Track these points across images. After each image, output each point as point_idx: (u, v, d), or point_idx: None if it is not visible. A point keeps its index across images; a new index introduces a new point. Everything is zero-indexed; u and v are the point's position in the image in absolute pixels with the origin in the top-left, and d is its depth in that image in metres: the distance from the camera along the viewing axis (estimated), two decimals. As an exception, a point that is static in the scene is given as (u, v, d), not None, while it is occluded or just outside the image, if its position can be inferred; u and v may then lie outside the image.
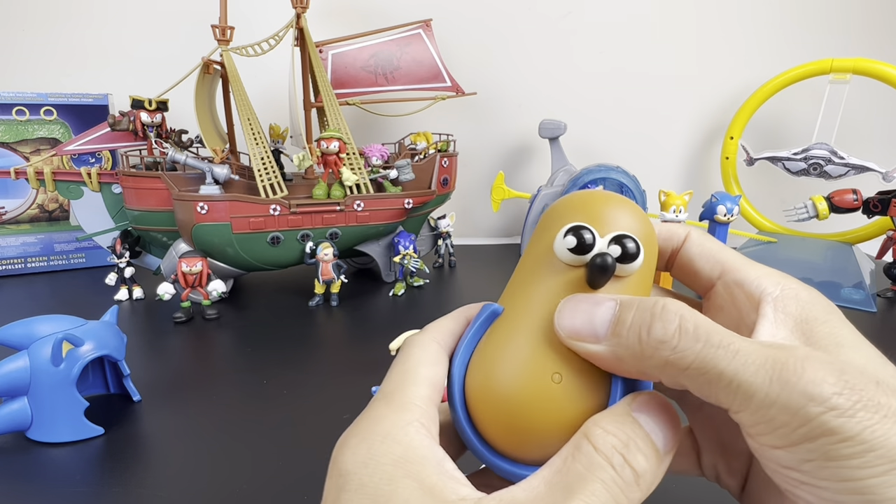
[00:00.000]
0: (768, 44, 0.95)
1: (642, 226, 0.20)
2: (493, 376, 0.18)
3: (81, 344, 0.37)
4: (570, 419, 0.17)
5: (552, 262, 0.20)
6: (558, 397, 0.17)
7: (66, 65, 0.82)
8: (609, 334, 0.17)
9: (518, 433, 0.18)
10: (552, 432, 0.17)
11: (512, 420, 0.18)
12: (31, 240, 0.74)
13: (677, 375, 0.16)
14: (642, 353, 0.16)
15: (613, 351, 0.17)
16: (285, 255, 0.64)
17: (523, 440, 0.18)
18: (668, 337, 0.15)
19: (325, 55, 0.71)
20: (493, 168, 0.97)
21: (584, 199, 0.21)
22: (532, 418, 0.18)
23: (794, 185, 0.90)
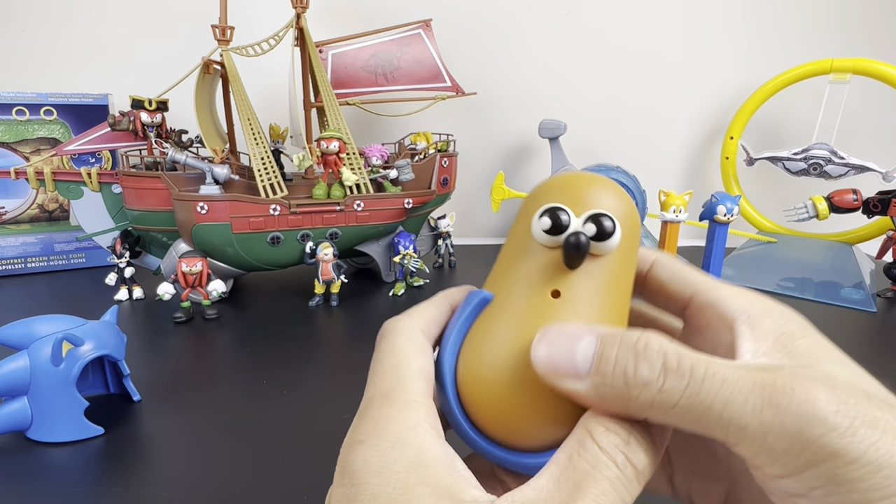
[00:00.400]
0: (768, 44, 0.95)
1: (622, 205, 0.20)
2: (485, 364, 0.18)
3: (81, 344, 0.37)
4: (564, 403, 0.17)
5: (532, 245, 0.20)
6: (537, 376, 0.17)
7: (66, 65, 0.82)
8: (592, 372, 0.16)
9: (513, 419, 0.18)
10: (548, 417, 0.17)
11: (507, 406, 0.18)
12: (31, 240, 0.74)
13: (665, 415, 0.15)
14: (629, 394, 0.15)
15: (597, 390, 0.16)
16: (285, 255, 0.64)
17: (519, 426, 0.18)
18: (653, 377, 0.15)
19: (325, 55, 0.71)
20: (493, 168, 0.97)
21: (563, 180, 0.20)
22: (526, 404, 0.18)
23: (794, 185, 0.90)
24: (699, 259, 0.81)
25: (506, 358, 0.18)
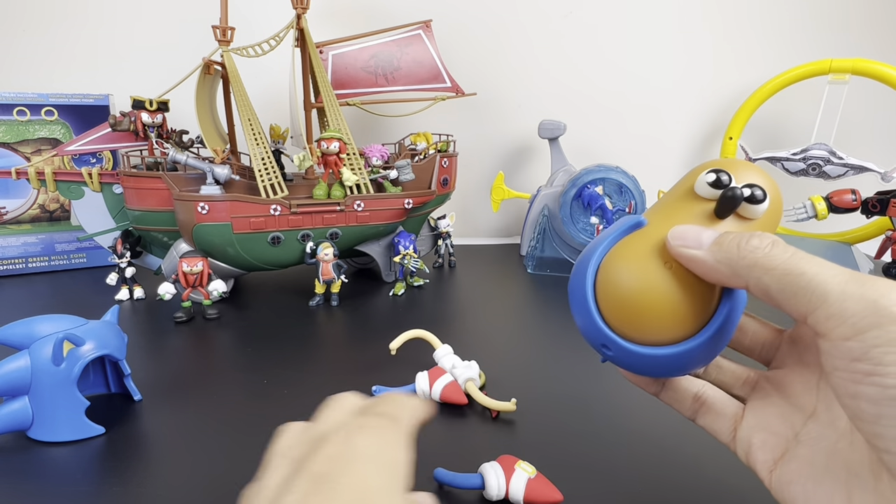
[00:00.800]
0: (768, 44, 0.95)
1: (773, 191, 0.24)
2: (620, 268, 0.23)
3: (82, 343, 0.37)
4: (682, 300, 0.22)
5: (689, 196, 0.24)
6: (671, 280, 0.22)
7: (67, 65, 0.82)
8: (712, 244, 0.21)
9: (647, 317, 0.23)
10: (668, 311, 0.22)
11: (636, 301, 0.23)
12: (33, 240, 0.74)
13: (764, 275, 0.19)
14: (739, 255, 0.20)
15: (713, 255, 0.21)
16: (286, 255, 0.65)
17: (651, 323, 0.23)
18: (762, 245, 0.20)
19: (325, 56, 0.71)
20: (493, 168, 0.97)
21: (731, 160, 0.25)
22: (659, 304, 0.22)
23: (793, 186, 0.90)
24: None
25: (643, 267, 0.23)
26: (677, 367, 0.23)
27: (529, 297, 0.68)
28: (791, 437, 0.23)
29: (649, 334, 0.23)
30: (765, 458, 0.23)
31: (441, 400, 0.42)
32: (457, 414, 0.41)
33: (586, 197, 0.75)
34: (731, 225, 0.23)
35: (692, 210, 0.24)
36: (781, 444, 0.23)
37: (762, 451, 0.23)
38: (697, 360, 0.23)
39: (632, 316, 0.23)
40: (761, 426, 0.24)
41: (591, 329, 0.24)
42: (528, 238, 0.84)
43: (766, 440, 0.24)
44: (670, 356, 0.23)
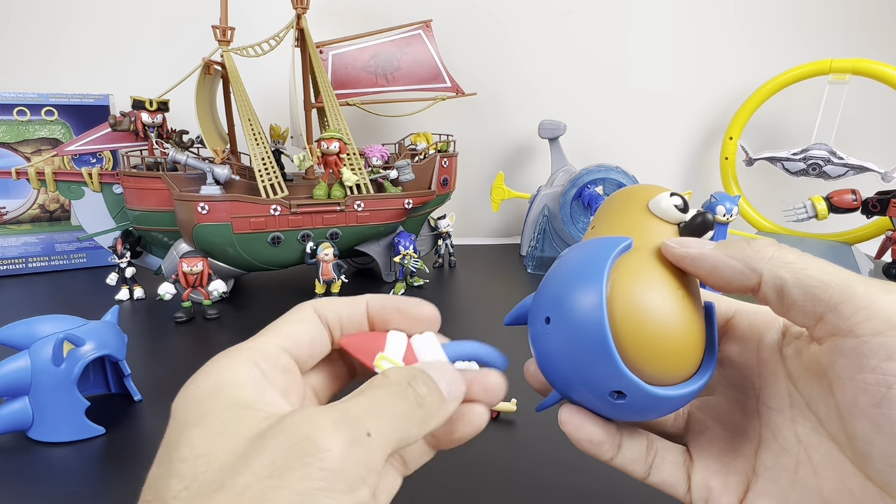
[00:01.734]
0: (768, 44, 0.95)
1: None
2: (646, 297, 0.20)
3: (82, 344, 0.37)
4: (699, 329, 0.21)
5: (648, 219, 0.23)
6: (689, 307, 0.21)
7: (67, 65, 0.82)
8: (717, 244, 0.20)
9: (671, 348, 0.20)
10: (693, 343, 0.21)
11: (668, 335, 0.20)
12: (32, 240, 0.74)
13: (781, 268, 0.19)
14: (752, 250, 0.19)
15: (725, 251, 0.20)
16: (286, 255, 0.65)
17: (674, 356, 0.21)
18: (771, 243, 0.19)
19: (325, 56, 0.71)
20: (493, 168, 0.97)
21: (650, 187, 0.25)
22: (681, 330, 0.20)
23: (794, 186, 0.90)
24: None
25: (666, 295, 0.21)
26: (683, 404, 0.21)
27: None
28: (749, 471, 0.21)
29: (675, 371, 0.21)
30: (729, 501, 0.21)
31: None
32: (457, 414, 0.41)
33: (586, 197, 0.75)
34: None
35: (663, 230, 0.22)
36: (742, 482, 0.21)
37: (725, 495, 0.21)
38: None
39: (661, 353, 0.20)
40: (714, 466, 0.22)
41: (606, 376, 0.20)
42: (528, 238, 0.84)
43: (726, 481, 0.22)
44: (691, 393, 0.21)
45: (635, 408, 0.21)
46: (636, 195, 0.24)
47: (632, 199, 0.24)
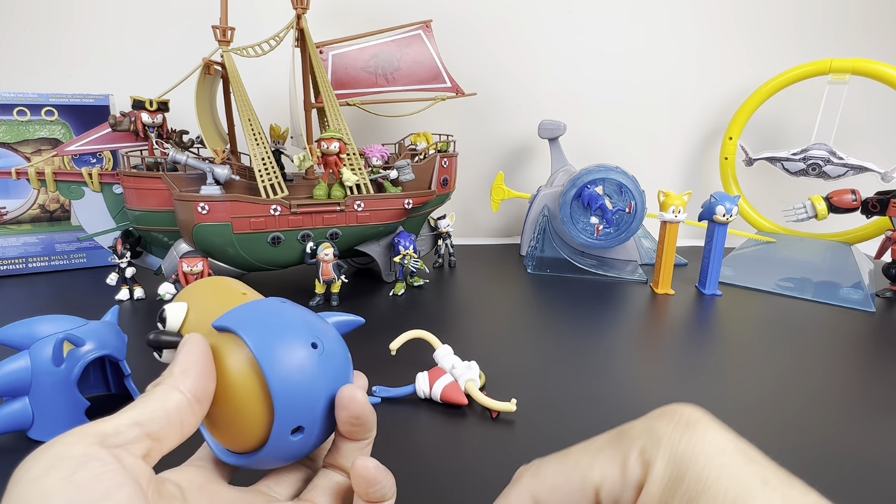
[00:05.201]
0: (768, 44, 0.95)
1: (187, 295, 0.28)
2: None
3: (82, 344, 0.37)
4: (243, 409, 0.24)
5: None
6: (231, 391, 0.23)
7: (67, 65, 0.82)
8: None
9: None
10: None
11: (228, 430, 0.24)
12: (33, 240, 0.74)
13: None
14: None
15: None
16: (286, 255, 0.65)
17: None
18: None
19: (325, 56, 0.71)
20: (493, 168, 0.97)
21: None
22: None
23: (793, 186, 0.90)
24: (698, 259, 0.81)
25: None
26: (249, 465, 0.25)
27: (529, 297, 0.68)
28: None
29: (229, 443, 0.25)
30: None
31: (441, 400, 0.42)
32: (457, 414, 0.41)
33: (586, 197, 0.75)
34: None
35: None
36: None
37: None
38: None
39: (213, 426, 0.26)
40: None
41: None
42: (528, 238, 0.84)
43: None
44: (244, 462, 0.25)
45: (247, 467, 0.25)
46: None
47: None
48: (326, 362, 0.23)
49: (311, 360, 0.23)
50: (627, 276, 0.75)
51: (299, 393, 0.22)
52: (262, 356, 0.22)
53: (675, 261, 0.71)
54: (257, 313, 0.24)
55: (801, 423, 0.41)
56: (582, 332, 0.57)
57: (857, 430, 0.40)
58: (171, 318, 0.26)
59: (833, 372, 0.49)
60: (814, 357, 0.52)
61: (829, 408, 0.43)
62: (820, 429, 0.40)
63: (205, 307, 0.26)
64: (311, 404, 0.23)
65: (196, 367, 0.22)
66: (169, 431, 0.20)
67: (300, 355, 0.23)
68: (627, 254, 0.82)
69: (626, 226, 0.76)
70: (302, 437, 0.23)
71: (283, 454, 0.24)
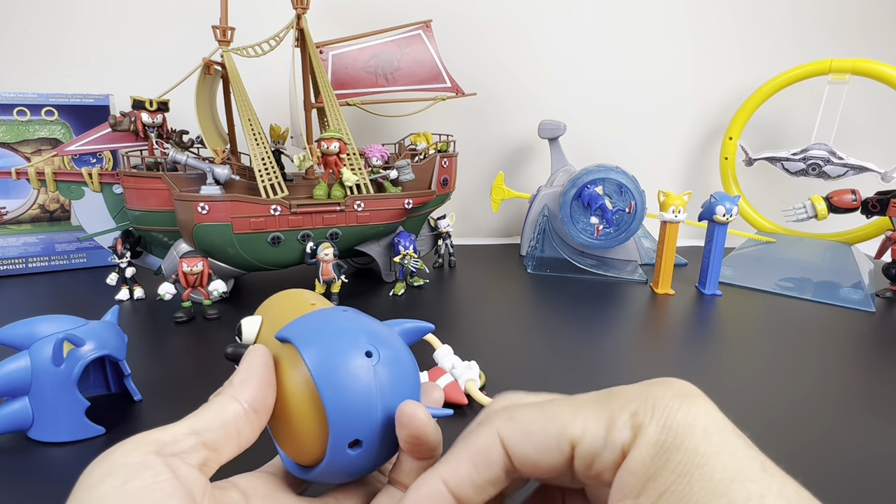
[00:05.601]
0: (768, 44, 0.95)
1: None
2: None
3: (82, 344, 0.37)
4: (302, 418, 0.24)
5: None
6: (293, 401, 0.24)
7: (67, 65, 0.82)
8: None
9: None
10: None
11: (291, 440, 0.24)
12: (33, 240, 0.74)
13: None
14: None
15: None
16: (286, 255, 0.65)
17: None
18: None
19: (325, 56, 0.71)
20: (493, 168, 0.97)
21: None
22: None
23: (793, 186, 0.90)
24: (698, 259, 0.81)
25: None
26: (317, 479, 0.24)
27: (529, 297, 0.68)
28: None
29: (296, 455, 0.24)
30: None
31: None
32: (457, 414, 0.41)
33: (586, 197, 0.75)
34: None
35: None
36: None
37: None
38: None
39: (279, 436, 0.26)
40: None
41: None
42: (528, 238, 0.84)
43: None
44: (312, 476, 0.24)
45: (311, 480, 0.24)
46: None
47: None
48: (383, 372, 0.22)
49: (365, 370, 0.22)
50: (627, 276, 0.75)
51: (353, 403, 0.21)
52: (315, 365, 0.21)
53: (675, 261, 0.71)
54: (315, 322, 0.24)
55: (801, 422, 0.41)
56: (582, 332, 0.57)
57: (857, 429, 0.40)
58: (247, 331, 0.27)
59: (833, 372, 0.49)
60: (814, 357, 0.52)
61: (829, 408, 0.43)
62: (820, 429, 0.40)
63: (277, 319, 0.26)
64: (366, 416, 0.22)
65: (256, 377, 0.22)
66: (226, 441, 0.20)
67: (354, 364, 0.22)
68: (627, 254, 0.82)
69: (626, 226, 0.76)
70: (361, 452, 0.22)
71: (343, 469, 0.23)
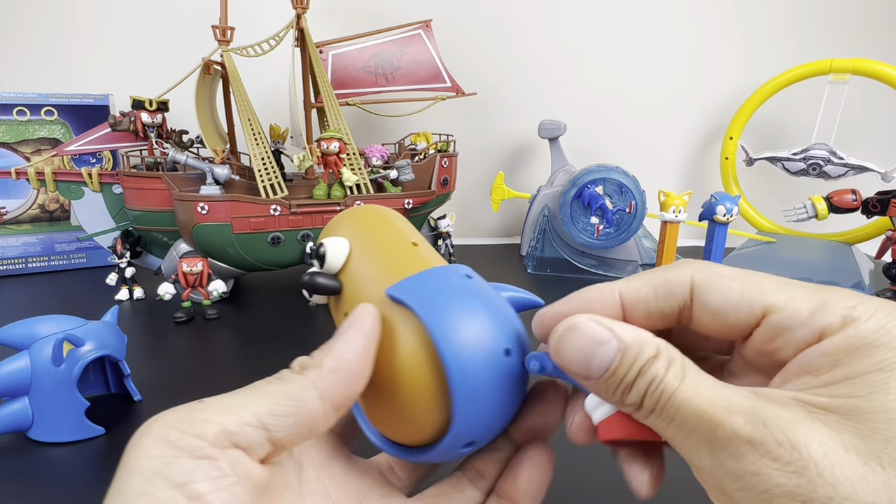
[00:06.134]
0: (768, 44, 0.95)
1: (341, 217, 0.24)
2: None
3: (82, 344, 0.37)
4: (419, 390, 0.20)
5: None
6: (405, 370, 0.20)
7: (67, 65, 0.82)
8: (602, 380, 0.17)
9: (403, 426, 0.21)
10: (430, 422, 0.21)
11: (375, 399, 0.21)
12: (32, 240, 0.74)
13: (644, 421, 0.18)
14: (621, 402, 0.18)
15: (597, 391, 0.18)
16: (286, 255, 0.65)
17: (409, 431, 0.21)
18: (636, 401, 0.17)
19: (325, 56, 0.71)
20: (493, 168, 0.97)
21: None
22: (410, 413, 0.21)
23: (794, 186, 0.90)
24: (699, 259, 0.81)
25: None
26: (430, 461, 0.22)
27: (529, 298, 0.67)
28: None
29: (404, 437, 0.21)
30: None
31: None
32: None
33: (586, 197, 0.75)
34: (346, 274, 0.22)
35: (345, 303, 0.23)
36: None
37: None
38: None
39: (380, 417, 0.22)
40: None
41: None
42: (529, 238, 0.84)
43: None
44: (422, 459, 0.22)
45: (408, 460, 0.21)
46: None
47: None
48: (513, 373, 0.20)
49: (502, 376, 0.19)
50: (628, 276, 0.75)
51: (484, 410, 0.19)
52: (454, 362, 0.18)
53: (675, 261, 0.71)
54: (448, 295, 0.20)
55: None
56: (582, 332, 0.57)
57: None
58: (332, 258, 0.21)
59: (833, 372, 0.49)
60: (814, 357, 0.52)
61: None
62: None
63: (369, 252, 0.22)
64: (492, 423, 0.20)
65: (351, 367, 0.18)
66: (294, 440, 0.18)
67: (494, 368, 0.19)
68: (628, 254, 0.82)
69: (627, 226, 0.76)
70: (470, 450, 0.21)
71: (443, 460, 0.21)
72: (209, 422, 0.16)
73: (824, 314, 0.16)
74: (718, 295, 0.18)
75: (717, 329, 0.19)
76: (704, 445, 0.15)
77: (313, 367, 0.19)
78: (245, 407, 0.17)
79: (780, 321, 0.17)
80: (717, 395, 0.16)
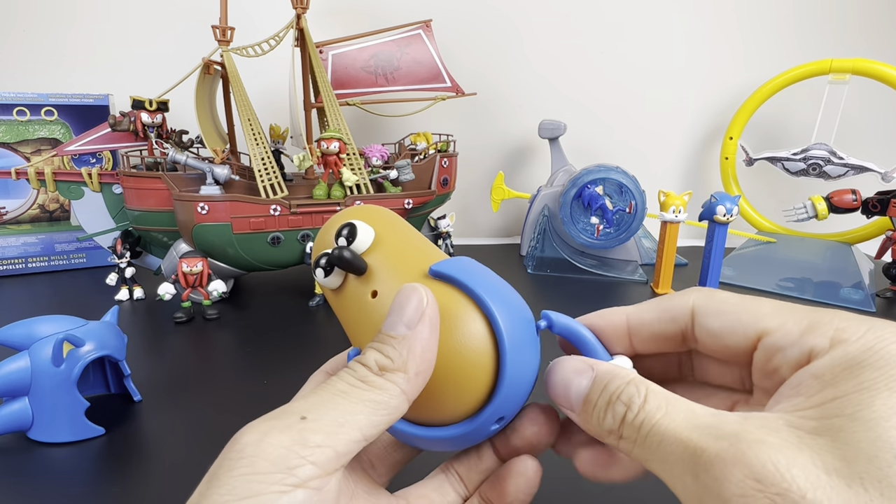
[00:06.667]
0: (768, 44, 0.95)
1: (367, 210, 0.24)
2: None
3: (82, 344, 0.37)
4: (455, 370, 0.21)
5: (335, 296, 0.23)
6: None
7: (67, 65, 0.82)
8: (580, 411, 0.19)
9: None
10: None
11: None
12: (32, 240, 0.74)
13: (629, 455, 0.18)
14: (602, 435, 0.19)
15: (583, 424, 0.20)
16: (286, 255, 0.65)
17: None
18: (615, 427, 0.18)
19: (325, 55, 0.71)
20: (493, 168, 0.97)
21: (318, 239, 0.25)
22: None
23: (794, 186, 0.90)
24: (698, 259, 0.81)
25: None
26: (445, 446, 0.22)
27: (529, 298, 0.67)
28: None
29: (432, 415, 0.21)
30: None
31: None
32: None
33: (586, 197, 0.75)
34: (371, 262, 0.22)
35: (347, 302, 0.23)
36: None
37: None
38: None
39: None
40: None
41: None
42: (529, 238, 0.84)
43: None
44: (442, 438, 0.21)
45: (420, 444, 0.22)
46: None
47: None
48: (539, 349, 0.21)
49: (537, 345, 0.21)
50: (628, 276, 0.75)
51: (524, 380, 0.20)
52: (508, 332, 0.19)
53: (675, 261, 0.71)
54: (484, 274, 0.21)
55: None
56: (582, 332, 0.57)
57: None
58: (362, 239, 0.22)
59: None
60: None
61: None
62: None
63: (393, 238, 0.22)
64: (524, 394, 0.21)
65: (431, 366, 0.19)
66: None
67: (534, 339, 0.21)
68: (628, 254, 0.82)
69: (627, 226, 0.76)
70: (498, 427, 0.21)
71: (472, 441, 0.21)
72: (324, 447, 0.16)
73: (813, 335, 0.17)
74: (716, 319, 0.20)
75: (719, 351, 0.20)
76: (689, 473, 0.16)
77: (397, 370, 0.18)
78: (351, 424, 0.17)
79: (774, 342, 0.18)
80: (703, 422, 0.16)
